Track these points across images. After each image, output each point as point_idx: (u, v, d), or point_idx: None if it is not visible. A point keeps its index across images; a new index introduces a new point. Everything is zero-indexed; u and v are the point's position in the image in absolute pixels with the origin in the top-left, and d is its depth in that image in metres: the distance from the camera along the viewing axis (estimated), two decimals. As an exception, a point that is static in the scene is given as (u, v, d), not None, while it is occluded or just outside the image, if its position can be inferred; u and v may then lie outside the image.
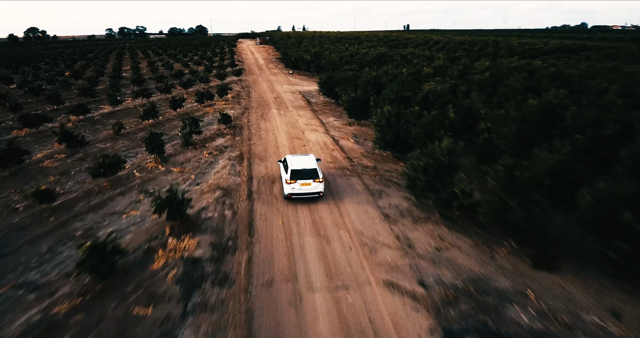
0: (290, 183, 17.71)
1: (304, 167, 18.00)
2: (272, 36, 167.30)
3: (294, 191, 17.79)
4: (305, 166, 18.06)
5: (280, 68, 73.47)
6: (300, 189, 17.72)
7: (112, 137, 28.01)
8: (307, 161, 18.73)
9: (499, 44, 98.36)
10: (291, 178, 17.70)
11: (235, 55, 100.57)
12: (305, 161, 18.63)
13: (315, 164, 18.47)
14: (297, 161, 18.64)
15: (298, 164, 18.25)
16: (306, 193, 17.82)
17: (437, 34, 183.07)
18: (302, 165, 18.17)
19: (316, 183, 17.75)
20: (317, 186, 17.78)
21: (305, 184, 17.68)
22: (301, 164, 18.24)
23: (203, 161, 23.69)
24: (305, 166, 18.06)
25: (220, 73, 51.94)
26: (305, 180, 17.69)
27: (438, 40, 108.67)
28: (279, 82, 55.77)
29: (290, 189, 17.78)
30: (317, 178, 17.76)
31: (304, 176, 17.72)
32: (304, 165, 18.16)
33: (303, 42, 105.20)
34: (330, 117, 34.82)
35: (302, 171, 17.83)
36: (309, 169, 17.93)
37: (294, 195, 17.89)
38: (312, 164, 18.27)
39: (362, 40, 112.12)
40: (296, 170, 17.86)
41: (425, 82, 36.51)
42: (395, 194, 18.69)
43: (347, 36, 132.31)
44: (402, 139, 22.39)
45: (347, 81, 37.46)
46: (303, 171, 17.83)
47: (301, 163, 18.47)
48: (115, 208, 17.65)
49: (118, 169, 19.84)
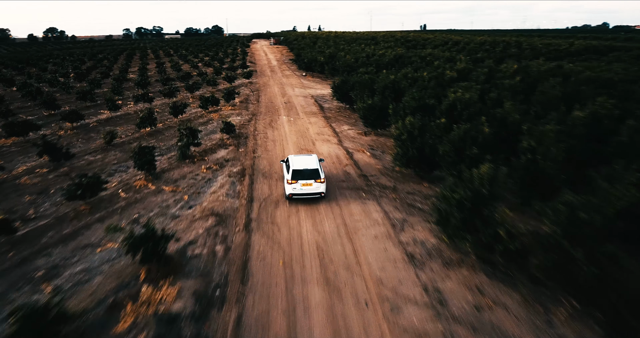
0: (292, 183, 17.57)
1: (306, 167, 17.82)
2: (287, 36, 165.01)
3: (295, 192, 17.63)
4: (307, 166, 17.87)
5: (293, 70, 70.76)
6: (302, 189, 17.57)
7: (104, 148, 25.54)
8: (309, 161, 18.51)
9: (521, 44, 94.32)
10: (292, 178, 17.56)
11: (248, 56, 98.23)
12: (307, 161, 18.41)
13: (317, 164, 18.25)
14: (298, 161, 18.45)
15: (299, 164, 18.05)
16: (307, 194, 17.66)
17: (455, 34, 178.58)
18: (304, 165, 17.98)
19: (317, 184, 17.60)
20: (318, 187, 17.63)
21: (306, 185, 17.54)
22: (303, 164, 18.05)
23: (200, 177, 21.01)
24: (307, 166, 17.87)
25: (230, 76, 49.34)
26: (307, 180, 17.54)
27: (457, 41, 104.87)
28: (291, 86, 53.03)
29: (291, 189, 17.64)
30: (318, 179, 17.62)
31: (306, 177, 17.57)
32: (306, 165, 17.97)
33: (317, 43, 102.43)
34: (344, 125, 31.91)
35: (303, 171, 17.66)
36: (311, 169, 17.74)
37: (295, 195, 17.72)
38: (313, 165, 18.07)
39: (378, 40, 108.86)
40: (297, 170, 17.68)
41: (449, 87, 33.40)
42: (420, 226, 15.70)
43: (363, 36, 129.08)
44: (426, 155, 19.39)
45: (362, 85, 34.53)
46: (304, 171, 17.66)
47: (303, 163, 18.27)
48: (90, 238, 15.03)
49: (98, 191, 17.24)
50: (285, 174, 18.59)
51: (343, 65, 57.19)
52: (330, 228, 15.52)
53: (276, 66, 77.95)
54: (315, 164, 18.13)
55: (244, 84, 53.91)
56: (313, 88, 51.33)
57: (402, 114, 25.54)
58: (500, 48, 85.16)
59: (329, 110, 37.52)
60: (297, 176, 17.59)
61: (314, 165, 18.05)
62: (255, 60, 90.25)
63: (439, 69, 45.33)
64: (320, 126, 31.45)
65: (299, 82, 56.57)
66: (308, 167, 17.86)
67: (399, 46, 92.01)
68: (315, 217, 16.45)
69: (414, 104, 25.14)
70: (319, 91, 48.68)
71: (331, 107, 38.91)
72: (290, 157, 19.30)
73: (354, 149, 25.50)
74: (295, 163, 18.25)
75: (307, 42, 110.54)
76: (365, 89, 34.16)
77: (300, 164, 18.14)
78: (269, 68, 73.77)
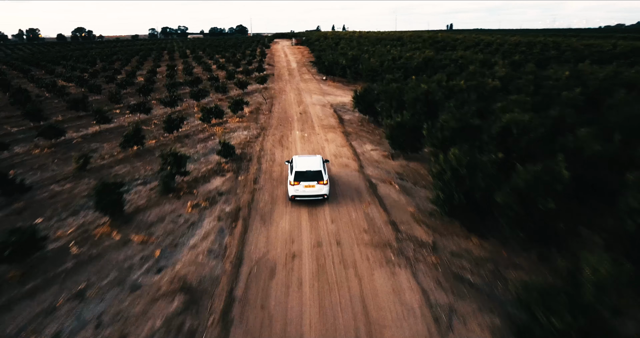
0: (294, 185, 17.46)
1: (309, 169, 17.77)
2: (309, 37, 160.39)
3: (297, 193, 17.48)
4: (310, 168, 17.82)
5: (312, 73, 66.08)
6: (304, 191, 17.42)
7: (76, 174, 21.33)
8: (312, 162, 18.49)
9: (559, 45, 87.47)
10: (295, 180, 17.49)
11: (267, 57, 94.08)
12: (310, 163, 18.41)
13: (321, 166, 18.18)
14: (302, 162, 18.45)
15: (302, 166, 18.02)
16: (310, 195, 17.51)
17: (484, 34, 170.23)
18: (307, 167, 17.94)
19: (320, 185, 17.44)
20: (321, 189, 17.47)
21: (309, 186, 17.41)
22: (306, 166, 18.00)
23: (182, 220, 16.53)
24: (310, 168, 17.82)
25: (242, 81, 44.93)
26: (310, 182, 17.40)
27: (490, 42, 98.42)
28: (309, 92, 48.32)
29: (294, 191, 17.50)
30: (321, 180, 17.47)
31: (308, 178, 17.46)
32: (309, 167, 17.94)
33: (340, 44, 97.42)
34: (366, 143, 27.02)
35: (306, 173, 17.59)
36: (314, 171, 17.65)
37: (297, 197, 17.58)
38: (316, 166, 18.00)
39: (405, 41, 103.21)
40: (300, 172, 17.62)
41: (493, 100, 28.20)
42: (475, 321, 10.74)
43: (389, 37, 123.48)
44: (477, 202, 14.40)
45: (389, 96, 29.57)
46: (307, 173, 17.58)
47: (306, 164, 18.24)
48: (7, 328, 10.67)
49: (35, 250, 12.89)
50: (289, 175, 18.30)
51: (367, 69, 52.19)
52: (345, 322, 10.71)
53: (295, 68, 73.39)
54: (318, 166, 18.00)
55: (258, 89, 49.45)
56: (333, 95, 46.51)
57: (440, 137, 20.54)
58: (538, 50, 78.72)
59: (350, 123, 32.67)
60: (299, 178, 17.44)
61: (317, 167, 17.92)
62: (274, 62, 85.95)
63: (475, 75, 40.07)
64: (338, 145, 26.66)
65: (318, 87, 51.82)
66: (311, 169, 17.74)
67: (427, 47, 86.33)
68: (324, 299, 11.66)
69: (454, 125, 20.10)
70: (339, 99, 43.83)
71: (352, 119, 34.04)
72: (294, 158, 19.23)
73: (379, 179, 20.60)
74: (299, 164, 18.19)
75: (329, 43, 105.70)
76: (392, 101, 29.21)
77: (303, 165, 18.06)
78: (287, 71, 69.26)
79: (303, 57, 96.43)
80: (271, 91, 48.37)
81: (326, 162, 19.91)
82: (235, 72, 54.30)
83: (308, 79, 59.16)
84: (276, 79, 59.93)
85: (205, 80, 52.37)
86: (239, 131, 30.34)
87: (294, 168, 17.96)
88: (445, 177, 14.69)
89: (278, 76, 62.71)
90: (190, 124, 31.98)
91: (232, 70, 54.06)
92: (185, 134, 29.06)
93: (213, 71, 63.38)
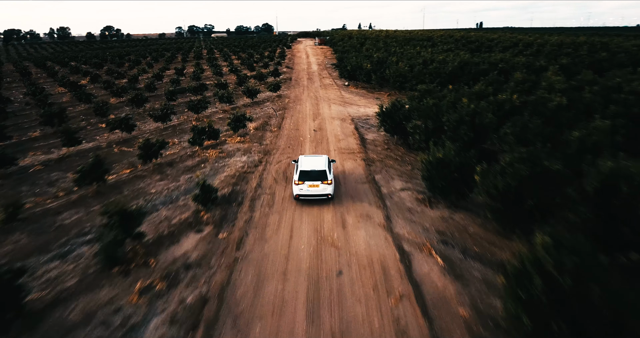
0: (299, 184, 17.65)
1: (313, 168, 17.91)
2: (332, 36, 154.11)
3: (301, 192, 17.66)
4: (314, 168, 17.94)
5: (334, 77, 60.15)
6: (308, 190, 17.59)
7: (2, 228, 16.04)
8: (317, 162, 18.56)
9: (608, 46, 79.09)
10: (299, 179, 17.67)
11: (286, 59, 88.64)
12: (315, 162, 18.50)
13: (326, 166, 18.26)
14: (307, 162, 18.56)
15: (307, 166, 18.16)
16: (314, 195, 17.67)
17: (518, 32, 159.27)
18: (312, 166, 18.08)
19: (324, 185, 17.59)
20: (325, 188, 17.60)
21: (313, 186, 17.57)
22: (310, 166, 18.15)
23: (118, 321, 10.99)
24: (314, 168, 17.94)
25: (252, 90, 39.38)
26: (314, 182, 17.58)
27: (529, 42, 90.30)
28: (328, 101, 42.43)
29: (298, 190, 17.70)
30: (325, 180, 17.62)
31: (313, 178, 17.63)
32: (313, 166, 18.06)
33: (365, 44, 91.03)
34: (395, 178, 21.00)
35: (310, 172, 17.75)
36: (318, 171, 17.77)
37: (301, 196, 17.76)
38: (321, 166, 18.09)
39: (435, 41, 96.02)
40: (305, 171, 17.79)
41: (560, 122, 21.83)
42: None
43: (418, 37, 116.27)
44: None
45: (424, 114, 23.46)
46: (312, 172, 17.74)
47: (311, 164, 18.37)
48: None
49: None
50: (294, 174, 18.50)
51: (394, 74, 45.98)
52: None
53: (315, 72, 67.53)
54: (323, 166, 18.19)
55: (271, 98, 43.85)
56: (355, 105, 40.50)
57: (501, 187, 14.37)
58: (585, 51, 70.58)
59: (374, 145, 26.67)
60: (304, 177, 17.65)
61: (322, 166, 18.12)
62: (293, 63, 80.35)
63: (525, 85, 33.53)
64: (357, 179, 20.73)
65: (338, 95, 45.86)
66: (315, 168, 17.92)
67: (460, 48, 79.22)
68: None
69: (524, 172, 13.93)
70: (362, 110, 37.81)
71: (376, 140, 28.02)
72: (300, 157, 19.47)
73: (414, 244, 14.60)
74: (304, 164, 18.40)
75: (353, 43, 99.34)
76: (427, 121, 23.09)
77: (308, 165, 18.26)
78: (306, 75, 63.49)
79: (325, 58, 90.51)
80: (285, 100, 42.67)
81: (332, 162, 20.39)
82: (247, 77, 48.73)
83: (328, 85, 53.23)
84: (293, 84, 54.23)
85: (212, 86, 47.09)
86: (237, 155, 24.75)
87: (299, 167, 18.18)
88: (533, 289, 8.61)
89: (296, 81, 57.00)
90: (180, 145, 26.59)
91: (243, 75, 48.53)
92: (170, 161, 23.63)
93: (224, 75, 58.20)
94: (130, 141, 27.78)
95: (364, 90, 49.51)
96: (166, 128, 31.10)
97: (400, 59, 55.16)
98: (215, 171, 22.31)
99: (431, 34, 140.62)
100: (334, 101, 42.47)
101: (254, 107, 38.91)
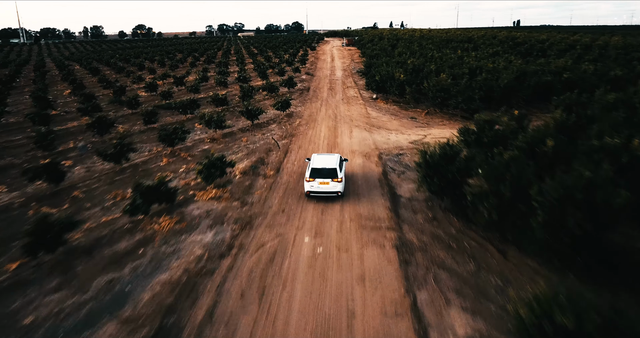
0: (309, 181, 18.05)
1: (324, 166, 18.25)
2: (361, 36, 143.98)
3: (312, 189, 18.07)
4: (325, 166, 18.28)
5: (360, 87, 50.99)
6: (319, 187, 17.97)
7: None
8: (329, 160, 18.91)
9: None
10: (310, 176, 18.07)
11: (308, 62, 79.96)
12: (327, 161, 18.84)
13: (337, 164, 18.52)
14: (319, 160, 18.92)
15: (319, 163, 18.52)
16: (324, 192, 18.07)
17: (559, 31, 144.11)
18: (323, 164, 18.42)
19: (335, 183, 17.95)
20: (335, 186, 17.96)
21: (323, 183, 17.94)
22: (322, 164, 18.49)
23: None
24: (325, 166, 18.28)
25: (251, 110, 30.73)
26: (324, 179, 17.92)
27: (586, 44, 78.50)
28: (350, 122, 33.41)
29: (309, 187, 18.11)
30: (335, 178, 17.94)
31: (323, 175, 17.95)
32: (324, 164, 18.40)
33: (398, 47, 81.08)
34: (452, 303, 11.89)
35: (321, 170, 18.08)
36: (329, 168, 18.11)
37: (312, 193, 18.18)
38: (332, 164, 18.41)
39: (477, 43, 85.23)
40: (316, 169, 18.15)
41: None
42: None
43: (456, 37, 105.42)
44: None
45: (496, 176, 14.19)
46: (322, 170, 18.06)
47: (322, 162, 18.72)
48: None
49: None
50: (306, 172, 18.61)
51: (435, 88, 36.55)
52: None
53: (339, 80, 58.37)
54: (334, 164, 18.41)
55: (278, 117, 35.18)
56: (384, 128, 31.35)
57: None
58: (664, 56, 58.93)
59: (411, 212, 17.54)
60: (315, 175, 18.01)
61: (333, 165, 18.36)
62: (315, 69, 71.44)
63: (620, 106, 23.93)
64: (386, 311, 11.76)
65: (364, 113, 36.76)
66: (326, 166, 18.22)
67: (507, 51, 68.50)
68: None
69: None
70: (394, 138, 28.62)
71: (415, 198, 18.83)
72: (313, 155, 19.78)
73: None
74: (315, 162, 18.74)
75: (383, 45, 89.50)
76: (504, 187, 13.83)
77: (319, 163, 18.60)
78: (327, 84, 54.46)
79: (352, 62, 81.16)
80: (295, 121, 33.86)
81: (345, 161, 20.49)
82: (252, 90, 40.06)
83: (353, 98, 44.08)
84: (310, 96, 45.32)
85: (207, 102, 38.76)
86: (200, 229, 16.13)
87: (311, 165, 18.51)
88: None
89: (314, 92, 48.08)
90: (113, 215, 18.10)
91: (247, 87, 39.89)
92: (93, 242, 15.22)
93: (229, 85, 49.88)
94: (56, 195, 19.62)
95: (395, 106, 40.19)
96: (124, 169, 22.85)
97: (441, 67, 45.50)
98: (156, 266, 13.78)
99: (470, 33, 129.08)
100: (357, 122, 33.41)
101: (253, 133, 30.34)
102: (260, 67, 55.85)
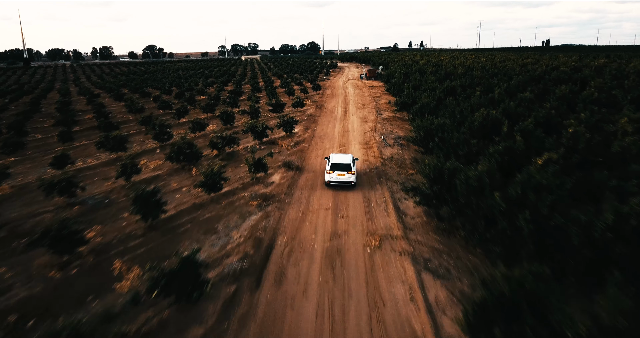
0: (330, 173, 23.36)
1: (341, 162, 23.53)
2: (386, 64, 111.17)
3: (332, 179, 23.44)
4: (342, 162, 23.55)
5: (401, 196, 22.79)
6: (337, 178, 23.31)
7: None
8: (344, 158, 24.04)
9: None
10: (330, 169, 23.37)
11: (301, 125, 51.87)
12: (343, 158, 23.98)
13: (351, 161, 23.67)
14: (337, 158, 24.14)
15: (337, 160, 23.81)
16: (341, 181, 23.37)
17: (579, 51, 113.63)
18: (340, 160, 23.69)
19: (349, 175, 23.18)
20: (349, 177, 23.20)
21: (340, 175, 23.22)
22: (339, 160, 23.74)
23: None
24: (342, 162, 23.55)
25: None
26: (341, 171, 23.22)
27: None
28: None
29: (329, 177, 23.45)
30: (350, 171, 23.18)
31: (340, 169, 23.30)
32: (341, 160, 23.67)
33: (454, 84, 51.08)
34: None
35: (339, 164, 23.45)
36: (344, 164, 23.43)
37: (331, 182, 23.58)
38: (347, 161, 23.61)
39: (535, 74, 55.30)
40: (335, 164, 23.52)
41: None
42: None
43: (500, 67, 76.70)
44: None
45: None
46: (340, 164, 23.44)
47: (340, 159, 23.91)
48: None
49: None
50: (326, 167, 23.91)
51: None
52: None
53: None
54: (348, 160, 23.56)
55: None
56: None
57: None
58: None
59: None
60: (334, 168, 23.29)
61: (348, 161, 23.53)
62: (313, 135, 40.16)
63: None
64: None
65: None
66: (343, 162, 23.46)
67: None
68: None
69: None
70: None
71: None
72: (331, 155, 24.74)
73: None
74: (334, 159, 23.93)
75: (428, 83, 60.19)
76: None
77: (337, 159, 23.81)
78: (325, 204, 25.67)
79: (379, 115, 48.65)
80: None
81: (356, 160, 25.54)
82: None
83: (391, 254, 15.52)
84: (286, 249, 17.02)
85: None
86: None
87: (330, 161, 23.70)
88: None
89: (292, 235, 19.81)
90: None
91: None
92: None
93: None
94: None
95: None
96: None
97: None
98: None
99: (503, 57, 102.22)
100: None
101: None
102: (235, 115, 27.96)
